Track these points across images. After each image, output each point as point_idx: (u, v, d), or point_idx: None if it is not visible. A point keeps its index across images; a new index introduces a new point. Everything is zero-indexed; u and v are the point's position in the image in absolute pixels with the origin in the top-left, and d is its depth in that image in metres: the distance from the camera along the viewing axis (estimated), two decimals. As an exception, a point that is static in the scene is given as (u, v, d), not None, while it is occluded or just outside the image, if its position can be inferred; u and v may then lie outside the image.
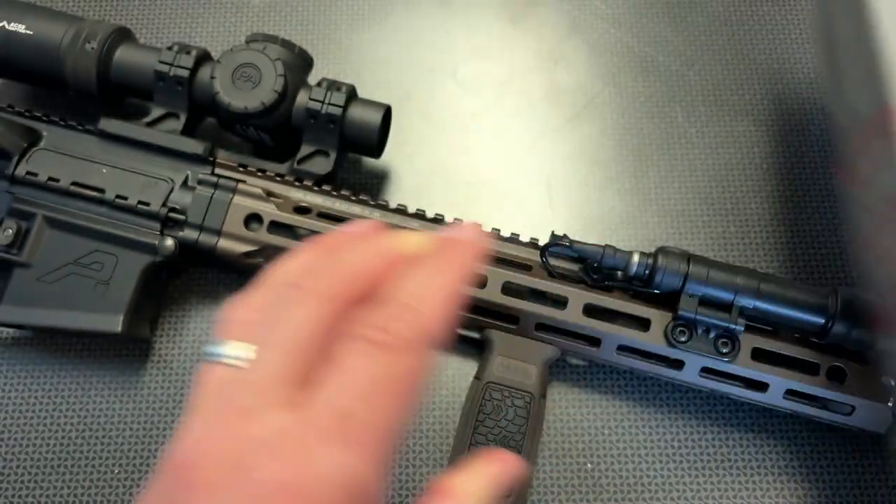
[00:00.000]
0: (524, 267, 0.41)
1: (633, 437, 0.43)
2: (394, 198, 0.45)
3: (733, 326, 0.38)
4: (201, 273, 0.47)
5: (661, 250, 0.39)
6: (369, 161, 0.50)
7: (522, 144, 0.51)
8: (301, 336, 0.21)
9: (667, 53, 0.54)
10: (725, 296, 0.38)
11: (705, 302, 0.39)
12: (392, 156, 0.50)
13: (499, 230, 0.43)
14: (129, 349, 0.45)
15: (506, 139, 0.51)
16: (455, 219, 0.42)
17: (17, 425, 0.43)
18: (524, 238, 0.43)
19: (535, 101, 0.52)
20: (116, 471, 0.42)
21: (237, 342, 0.21)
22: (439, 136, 0.51)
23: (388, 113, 0.44)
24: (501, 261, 0.41)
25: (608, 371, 0.45)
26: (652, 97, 0.52)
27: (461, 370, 0.44)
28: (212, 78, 0.42)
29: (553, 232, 0.41)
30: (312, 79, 0.45)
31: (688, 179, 0.50)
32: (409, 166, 0.50)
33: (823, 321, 0.38)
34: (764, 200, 0.49)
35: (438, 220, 0.42)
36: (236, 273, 0.47)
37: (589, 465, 0.43)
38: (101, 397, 0.44)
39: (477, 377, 0.41)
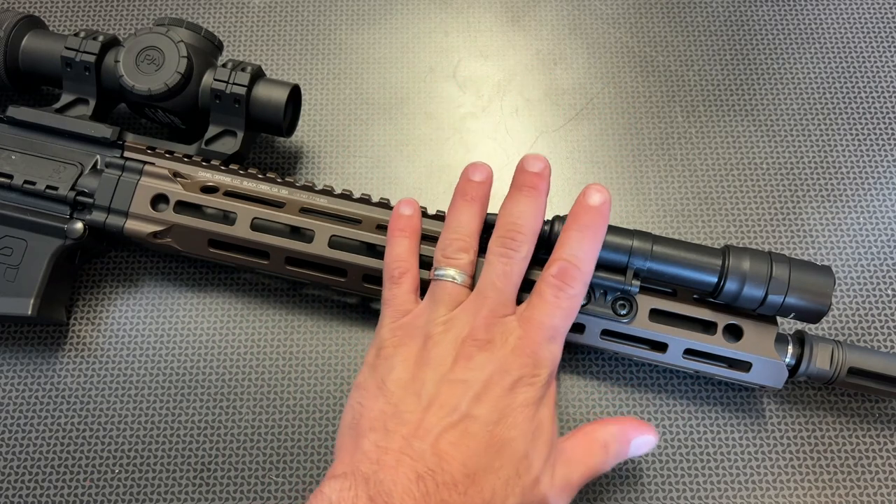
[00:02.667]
0: (433, 240, 0.41)
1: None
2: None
3: (628, 288, 0.39)
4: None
5: (558, 217, 0.40)
6: (368, 161, 0.50)
7: (522, 144, 0.51)
8: (509, 280, 0.36)
9: (667, 53, 0.54)
10: (619, 258, 0.39)
11: (601, 265, 0.39)
12: (392, 156, 0.50)
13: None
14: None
15: (506, 139, 0.51)
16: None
17: None
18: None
19: (534, 101, 0.52)
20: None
21: (461, 266, 0.37)
22: (439, 136, 0.51)
23: (295, 91, 0.45)
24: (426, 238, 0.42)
25: (608, 370, 0.45)
26: (652, 97, 0.52)
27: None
28: (116, 62, 0.43)
29: None
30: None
31: (687, 179, 0.50)
32: (409, 166, 0.50)
33: (716, 280, 0.39)
34: (764, 200, 0.49)
35: (346, 196, 0.43)
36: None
37: (589, 464, 0.43)
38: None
39: None
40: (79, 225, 0.42)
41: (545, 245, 0.40)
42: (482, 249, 0.39)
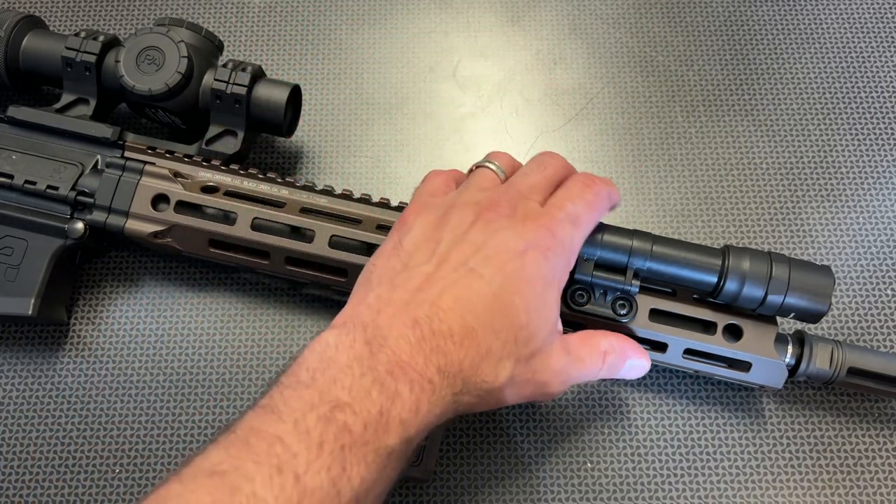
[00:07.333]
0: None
1: (633, 437, 0.43)
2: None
3: (628, 287, 0.39)
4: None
5: None
6: (368, 161, 0.50)
7: (522, 144, 0.51)
8: (543, 178, 0.37)
9: (667, 53, 0.54)
10: (619, 258, 0.39)
11: (601, 265, 0.39)
12: (392, 156, 0.50)
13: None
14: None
15: (506, 139, 0.51)
16: None
17: None
18: None
19: (534, 101, 0.52)
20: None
21: (502, 164, 0.38)
22: (439, 135, 0.51)
23: (295, 92, 0.45)
24: None
25: (608, 371, 0.45)
26: (652, 97, 0.52)
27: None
28: (116, 62, 0.43)
29: None
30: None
31: (687, 179, 0.50)
32: (409, 166, 0.50)
33: (715, 279, 0.39)
34: (764, 200, 0.49)
35: (346, 196, 0.43)
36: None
37: (589, 464, 0.43)
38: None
39: None
40: (79, 225, 0.42)
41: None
42: None
